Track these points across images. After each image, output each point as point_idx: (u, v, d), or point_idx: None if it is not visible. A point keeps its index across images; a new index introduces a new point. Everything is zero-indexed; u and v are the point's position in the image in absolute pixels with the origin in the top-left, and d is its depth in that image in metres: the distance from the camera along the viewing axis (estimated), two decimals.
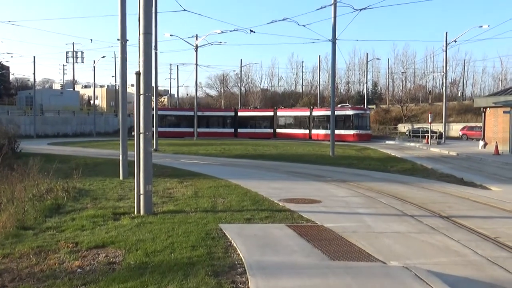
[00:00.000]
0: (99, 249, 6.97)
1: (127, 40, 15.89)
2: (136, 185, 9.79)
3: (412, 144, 41.60)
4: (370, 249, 6.97)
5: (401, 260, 6.49)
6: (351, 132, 46.33)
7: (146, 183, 9.68)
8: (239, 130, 55.07)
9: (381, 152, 31.14)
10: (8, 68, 76.03)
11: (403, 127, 57.52)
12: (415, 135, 47.32)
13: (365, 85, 65.90)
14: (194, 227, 8.24)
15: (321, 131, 48.35)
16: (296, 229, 8.18)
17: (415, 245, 7.33)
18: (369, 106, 62.49)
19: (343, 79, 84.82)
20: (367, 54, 65.20)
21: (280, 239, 7.50)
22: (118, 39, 15.81)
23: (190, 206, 10.31)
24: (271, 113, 54.25)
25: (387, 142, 45.88)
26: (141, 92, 9.85)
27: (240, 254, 6.60)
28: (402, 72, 75.88)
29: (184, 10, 26.24)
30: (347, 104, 54.97)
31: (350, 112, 47.32)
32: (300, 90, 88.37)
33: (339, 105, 49.48)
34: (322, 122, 48.89)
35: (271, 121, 53.59)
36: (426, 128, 44.64)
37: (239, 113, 56.23)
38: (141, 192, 9.65)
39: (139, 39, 9.99)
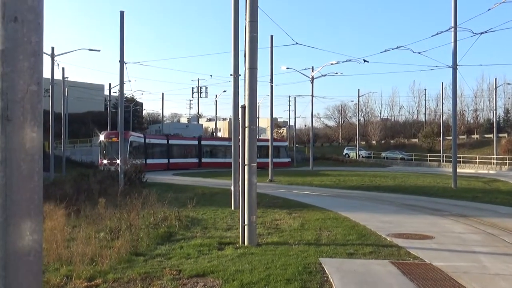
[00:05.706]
0: (199, 277, 7.19)
1: (239, 75, 16.54)
2: (241, 215, 10.00)
3: None
4: None
5: None
6: (286, 160, 54.77)
7: (250, 214, 9.85)
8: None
9: None
10: (141, 104, 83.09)
11: None
12: None
13: (495, 111, 61.16)
14: (294, 260, 8.17)
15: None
16: (400, 267, 7.74)
17: None
18: (500, 135, 58.12)
19: (470, 107, 79.80)
20: (495, 79, 60.72)
21: (381, 276, 7.15)
22: (231, 74, 16.54)
23: (294, 238, 10.27)
24: None
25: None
26: (246, 125, 10.16)
27: None
28: None
29: (296, 43, 26.65)
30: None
31: (284, 144, 59.01)
32: (423, 119, 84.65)
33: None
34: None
35: None
36: None
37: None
38: (246, 223, 9.84)
39: (244, 74, 10.35)
